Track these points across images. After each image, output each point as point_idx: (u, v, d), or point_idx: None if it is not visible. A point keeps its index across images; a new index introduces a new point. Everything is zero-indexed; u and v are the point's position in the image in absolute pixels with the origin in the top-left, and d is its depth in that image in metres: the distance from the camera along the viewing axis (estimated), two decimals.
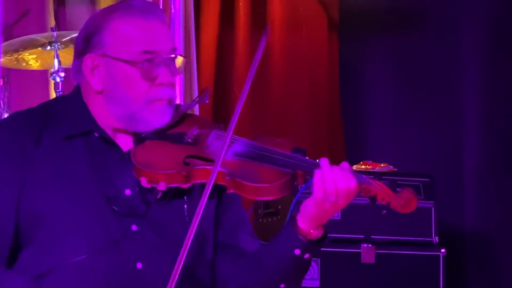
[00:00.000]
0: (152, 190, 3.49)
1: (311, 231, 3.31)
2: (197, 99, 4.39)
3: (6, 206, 3.51)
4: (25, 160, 3.58)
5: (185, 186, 3.44)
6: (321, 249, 5.92)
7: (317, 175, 3.24)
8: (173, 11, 6.09)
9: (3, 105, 5.87)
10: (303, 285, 5.67)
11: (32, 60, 6.08)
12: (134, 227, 3.50)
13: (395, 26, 7.41)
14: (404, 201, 3.20)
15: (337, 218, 6.11)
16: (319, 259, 6.09)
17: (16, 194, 3.53)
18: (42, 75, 6.42)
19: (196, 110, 6.14)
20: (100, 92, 3.67)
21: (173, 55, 3.51)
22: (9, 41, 5.89)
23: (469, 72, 7.04)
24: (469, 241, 6.64)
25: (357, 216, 6.10)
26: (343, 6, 7.49)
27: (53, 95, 6.18)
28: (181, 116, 3.69)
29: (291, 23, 7.45)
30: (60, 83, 5.84)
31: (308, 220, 3.29)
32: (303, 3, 7.52)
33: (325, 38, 7.51)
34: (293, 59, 7.46)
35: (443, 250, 6.15)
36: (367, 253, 6.11)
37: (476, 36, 7.04)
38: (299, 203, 5.61)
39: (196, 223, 3.04)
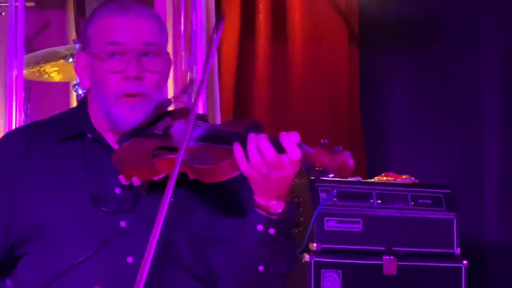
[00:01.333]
0: (133, 186, 3.50)
1: (268, 204, 3.29)
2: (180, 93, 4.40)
3: None
4: (13, 179, 3.60)
5: (156, 178, 3.45)
6: (342, 261, 5.92)
7: (248, 144, 3.23)
8: (194, 22, 5.99)
9: (25, 117, 5.78)
10: None
11: (54, 73, 6.04)
12: (122, 224, 3.52)
13: (415, 38, 7.36)
14: (340, 163, 3.15)
15: (359, 230, 6.04)
16: (341, 271, 5.94)
17: (4, 217, 3.56)
18: (64, 87, 6.34)
19: (217, 119, 6.25)
20: (89, 91, 3.71)
21: (144, 49, 3.45)
22: (31, 53, 5.86)
23: (490, 84, 6.99)
24: (491, 253, 6.57)
25: (379, 228, 6.00)
26: (363, 18, 7.47)
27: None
28: (164, 112, 3.68)
29: (312, 35, 7.41)
30: (82, 95, 5.69)
31: (260, 194, 3.30)
32: (323, 15, 7.48)
33: (346, 50, 7.47)
34: (313, 71, 7.42)
35: (465, 262, 6.06)
36: (389, 265, 5.97)
37: (496, 48, 6.98)
38: (321, 214, 5.59)
39: (164, 212, 3.08)
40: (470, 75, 7.11)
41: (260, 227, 3.34)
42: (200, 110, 5.64)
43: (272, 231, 3.33)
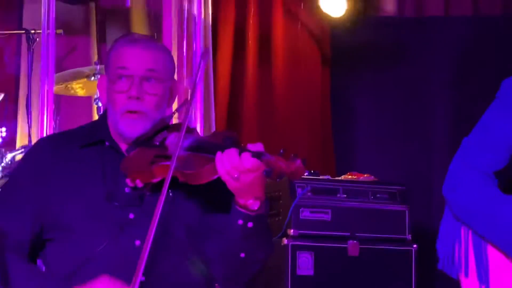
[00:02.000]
0: (136, 187, 3.65)
1: (247, 203, 3.50)
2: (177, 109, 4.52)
3: (25, 220, 3.66)
4: (41, 178, 3.76)
5: (154, 181, 3.60)
6: (314, 244, 6.17)
7: (217, 156, 3.42)
8: (194, 47, 6.23)
9: (55, 125, 5.88)
10: (300, 273, 6.24)
11: (78, 88, 6.18)
12: (131, 215, 3.66)
13: (378, 60, 7.52)
14: (291, 168, 3.34)
15: (328, 219, 6.25)
16: (313, 253, 6.16)
17: (35, 209, 3.71)
18: (87, 101, 6.47)
19: (212, 129, 6.35)
20: (105, 107, 3.97)
21: (145, 75, 3.67)
22: (60, 73, 6.00)
23: (439, 99, 7.20)
24: (436, 238, 6.70)
25: (344, 217, 6.26)
26: (334, 44, 7.65)
27: (95, 117, 6.22)
28: (164, 126, 3.82)
29: (291, 58, 7.54)
30: (101, 107, 5.92)
31: (238, 195, 3.50)
32: (301, 41, 7.63)
33: (319, 71, 7.63)
34: (292, 88, 7.56)
35: (415, 246, 6.36)
36: (353, 248, 6.21)
37: (444, 70, 7.20)
38: (297, 206, 5.84)
39: (160, 207, 3.29)
40: (423, 91, 7.35)
41: (240, 222, 3.54)
42: (198, 122, 5.99)
43: (250, 224, 3.54)
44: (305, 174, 3.86)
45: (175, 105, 4.13)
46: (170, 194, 3.66)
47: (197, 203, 3.81)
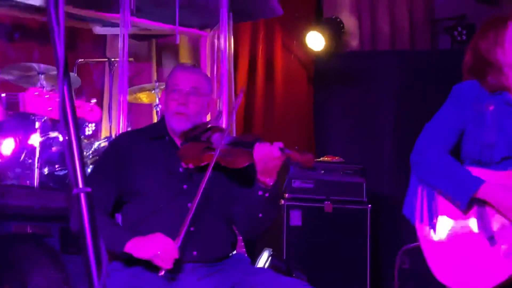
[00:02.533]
0: (188, 168, 3.72)
1: (266, 180, 3.56)
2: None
3: (109, 188, 3.69)
4: (121, 159, 3.80)
5: (202, 164, 3.64)
6: (302, 204, 6.15)
7: (255, 147, 3.52)
8: (222, 71, 6.09)
9: (128, 124, 5.72)
10: (292, 224, 6.26)
11: (144, 98, 6.15)
12: (185, 186, 3.70)
13: (346, 81, 7.47)
14: (305, 160, 3.53)
15: (311, 187, 6.31)
16: (301, 210, 6.23)
17: (117, 180, 3.74)
18: (149, 107, 6.44)
19: (233, 131, 6.24)
20: (163, 113, 4.02)
21: (190, 90, 3.75)
22: (131, 87, 5.95)
23: (387, 110, 7.23)
24: (385, 201, 6.77)
25: (322, 186, 6.31)
26: (316, 69, 7.59)
27: (155, 119, 6.26)
28: (208, 127, 3.85)
29: (286, 78, 7.45)
30: (159, 111, 5.87)
31: (261, 175, 3.55)
32: (293, 65, 7.51)
33: (305, 88, 7.58)
34: (287, 100, 7.46)
35: (369, 206, 6.39)
36: (328, 207, 6.28)
37: (391, 90, 7.23)
38: (290, 178, 5.77)
39: (205, 181, 3.44)
40: (377, 103, 7.32)
41: (260, 193, 3.62)
42: (223, 123, 5.90)
43: (266, 195, 3.60)
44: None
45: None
46: (212, 174, 3.63)
47: (229, 180, 3.85)
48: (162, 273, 3.41)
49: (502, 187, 2.85)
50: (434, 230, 2.89)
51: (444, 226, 2.89)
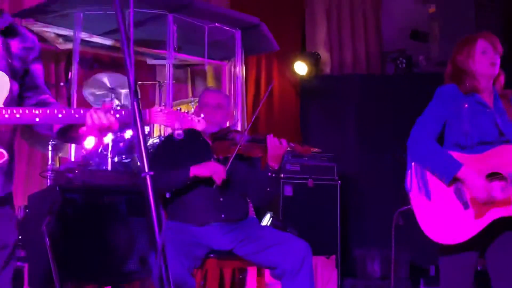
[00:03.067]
0: (219, 159, 3.67)
1: (273, 165, 3.56)
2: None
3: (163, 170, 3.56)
4: (174, 154, 3.74)
5: (229, 155, 3.58)
6: (292, 181, 6.06)
7: (268, 140, 3.51)
8: (237, 90, 6.13)
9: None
10: (286, 194, 6.12)
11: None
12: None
13: (322, 95, 7.29)
14: (305, 150, 3.68)
15: (298, 169, 6.20)
16: (292, 185, 6.12)
17: (170, 166, 3.61)
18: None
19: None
20: None
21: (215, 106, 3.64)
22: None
23: (350, 115, 7.05)
24: (349, 180, 6.56)
25: (307, 169, 6.18)
26: (302, 87, 7.43)
27: None
28: (230, 130, 3.75)
29: (281, 94, 7.32)
30: None
31: (271, 161, 3.54)
32: (286, 83, 7.36)
33: (294, 100, 7.42)
34: (283, 110, 7.32)
35: (339, 182, 6.27)
36: (310, 183, 6.16)
37: (354, 100, 7.02)
38: (285, 162, 5.61)
39: (228, 166, 3.47)
40: (343, 111, 7.09)
41: (269, 174, 3.61)
42: (239, 126, 5.97)
43: (274, 175, 3.62)
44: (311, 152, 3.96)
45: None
46: (234, 162, 3.60)
47: (246, 166, 3.79)
48: (217, 184, 3.52)
49: (474, 171, 2.79)
50: (429, 198, 2.81)
51: (433, 193, 2.83)
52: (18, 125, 2.13)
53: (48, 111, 2.03)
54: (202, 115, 2.26)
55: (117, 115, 2.11)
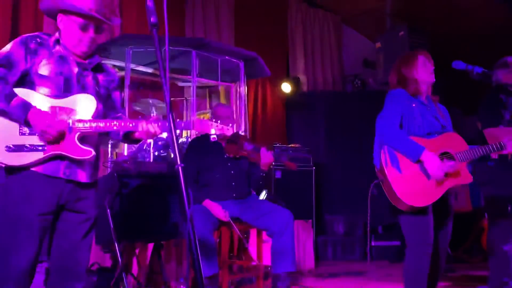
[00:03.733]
0: (229, 157, 3.63)
1: (265, 169, 3.59)
2: None
3: (193, 169, 3.59)
4: (200, 151, 3.69)
5: (237, 155, 3.59)
6: (280, 168, 5.91)
7: (261, 154, 3.53)
8: (241, 106, 5.98)
9: (196, 132, 5.51)
10: (276, 177, 5.99)
11: (204, 117, 5.68)
12: (228, 164, 3.67)
13: (303, 107, 7.17)
14: (290, 166, 3.78)
15: (286, 160, 5.84)
16: (281, 171, 5.98)
17: (197, 162, 3.63)
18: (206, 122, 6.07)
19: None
20: None
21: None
22: (197, 112, 5.72)
23: (321, 119, 6.84)
24: (321, 167, 6.41)
25: (291, 158, 5.96)
26: (287, 102, 7.29)
27: None
28: (239, 136, 3.71)
29: (273, 107, 7.19)
30: None
31: (263, 166, 3.57)
32: (276, 100, 7.23)
33: (281, 110, 7.29)
34: (273, 119, 7.20)
35: (313, 168, 6.21)
36: (291, 167, 6.02)
37: (323, 109, 6.88)
38: (275, 155, 5.45)
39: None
40: (317, 117, 6.95)
41: (262, 174, 3.69)
42: (242, 129, 5.84)
43: (263, 175, 3.70)
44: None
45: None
46: (241, 160, 3.68)
47: (247, 165, 3.77)
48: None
49: (432, 154, 2.66)
50: (400, 171, 2.66)
51: (404, 166, 2.68)
52: (101, 132, 2.15)
53: (117, 122, 2.10)
54: (230, 125, 2.29)
55: (159, 124, 2.14)
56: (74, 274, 2.08)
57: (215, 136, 2.24)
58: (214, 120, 2.24)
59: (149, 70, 5.80)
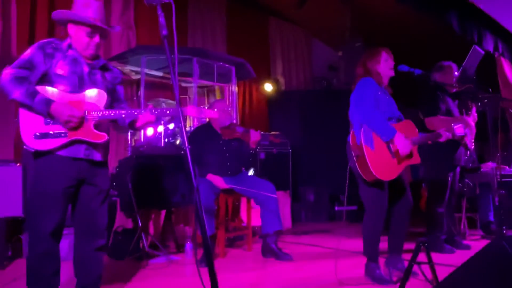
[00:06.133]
0: (224, 140, 3.53)
1: (253, 146, 3.48)
2: None
3: (196, 151, 3.40)
4: (201, 138, 3.52)
5: (232, 137, 3.53)
6: (265, 150, 5.77)
7: (251, 133, 3.45)
8: (233, 102, 5.85)
9: (198, 123, 5.31)
10: (260, 158, 5.81)
11: None
12: (224, 148, 3.56)
13: (283, 105, 7.04)
14: (272, 138, 3.55)
15: (267, 143, 5.77)
16: (264, 152, 5.80)
17: (200, 149, 3.44)
18: None
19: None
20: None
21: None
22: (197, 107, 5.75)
23: (296, 112, 6.73)
24: (296, 149, 6.22)
25: (272, 143, 5.80)
26: (269, 100, 7.19)
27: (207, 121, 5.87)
28: (233, 123, 3.61)
29: (257, 103, 7.10)
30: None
31: (252, 144, 3.47)
32: (260, 97, 7.15)
33: (265, 108, 7.21)
34: (257, 113, 7.10)
35: (290, 150, 6.08)
36: (275, 151, 5.93)
37: (298, 105, 6.69)
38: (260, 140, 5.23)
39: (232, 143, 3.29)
40: (292, 111, 6.70)
41: (251, 151, 3.59)
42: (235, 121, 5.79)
43: (252, 152, 3.62)
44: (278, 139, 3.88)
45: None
46: (234, 141, 3.56)
47: (240, 144, 3.65)
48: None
49: (403, 137, 2.52)
50: (372, 148, 2.48)
51: (376, 145, 2.50)
52: (111, 119, 2.13)
53: (124, 112, 2.08)
54: (215, 109, 2.25)
55: (156, 112, 2.12)
56: (96, 233, 2.08)
57: (206, 119, 2.23)
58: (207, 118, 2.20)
59: (160, 74, 5.70)
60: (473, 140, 3.53)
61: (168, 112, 2.09)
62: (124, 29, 5.29)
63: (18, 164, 3.36)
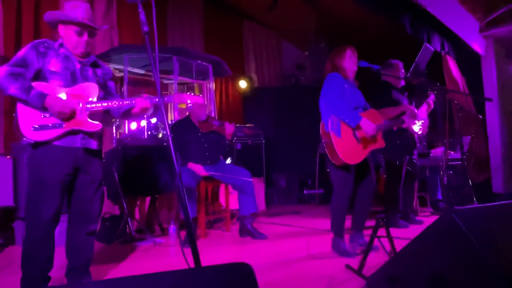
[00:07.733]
0: (203, 133, 3.44)
1: (228, 138, 3.50)
2: None
3: (177, 143, 3.36)
4: (181, 131, 3.47)
5: (208, 130, 3.48)
6: (241, 141, 5.65)
7: (226, 126, 3.39)
8: (210, 97, 5.77)
9: (178, 115, 5.25)
10: (237, 148, 5.75)
11: (182, 106, 5.43)
12: (203, 139, 3.51)
13: (257, 99, 6.98)
14: (246, 129, 3.52)
15: (242, 135, 5.89)
16: (241, 143, 5.78)
17: (182, 136, 3.44)
18: (185, 109, 5.71)
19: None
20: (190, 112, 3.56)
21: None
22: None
23: (268, 106, 6.70)
24: (269, 140, 6.20)
25: (248, 134, 5.92)
26: (244, 96, 7.10)
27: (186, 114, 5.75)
28: (210, 117, 3.56)
29: (233, 98, 6.99)
30: (188, 111, 5.36)
31: (227, 136, 3.44)
32: (236, 94, 7.02)
33: (240, 102, 7.11)
34: (233, 108, 7.01)
35: (263, 141, 6.08)
36: (250, 142, 5.90)
37: (270, 100, 6.74)
38: (235, 132, 5.25)
39: (210, 135, 3.24)
40: (265, 105, 6.75)
41: (226, 142, 3.55)
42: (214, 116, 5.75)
43: (228, 143, 3.56)
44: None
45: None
46: (212, 134, 3.52)
47: (218, 136, 3.60)
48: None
49: (368, 121, 2.54)
50: (339, 135, 2.49)
51: (343, 133, 2.52)
52: (104, 109, 2.10)
53: (117, 101, 2.06)
54: (201, 95, 2.21)
55: (148, 100, 2.10)
56: (89, 219, 2.07)
57: (191, 104, 2.21)
58: (191, 103, 2.15)
59: (142, 72, 5.57)
60: (427, 127, 3.55)
61: (156, 100, 2.04)
62: (107, 29, 5.30)
63: (8, 157, 3.31)
